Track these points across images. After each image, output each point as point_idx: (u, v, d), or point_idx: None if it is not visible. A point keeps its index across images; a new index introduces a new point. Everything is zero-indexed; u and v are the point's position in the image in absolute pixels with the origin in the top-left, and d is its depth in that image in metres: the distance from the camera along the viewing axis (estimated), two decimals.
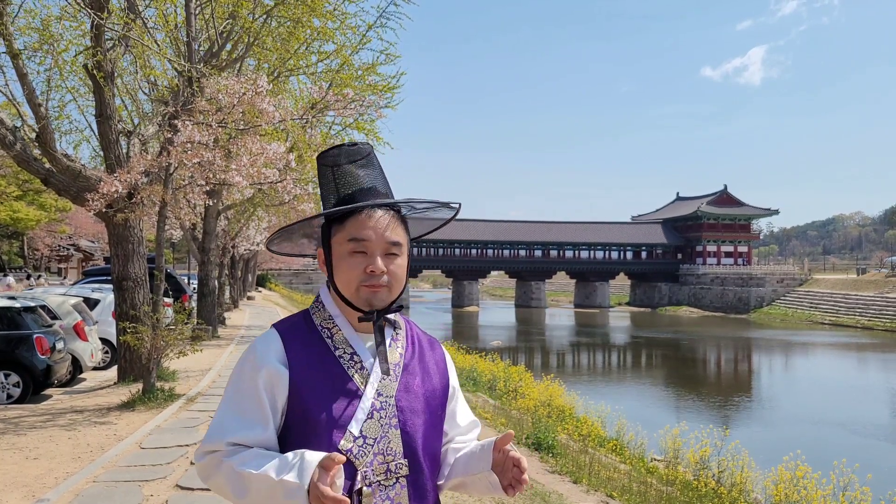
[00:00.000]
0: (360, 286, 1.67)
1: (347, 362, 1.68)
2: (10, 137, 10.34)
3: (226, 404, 1.67)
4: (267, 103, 9.68)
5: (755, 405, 24.30)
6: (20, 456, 7.02)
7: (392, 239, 1.70)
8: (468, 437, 1.88)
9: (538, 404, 14.98)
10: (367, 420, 1.63)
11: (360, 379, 1.67)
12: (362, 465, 1.60)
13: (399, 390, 1.70)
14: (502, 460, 1.67)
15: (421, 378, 1.77)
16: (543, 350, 42.04)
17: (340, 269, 1.69)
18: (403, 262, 1.73)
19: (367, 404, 1.64)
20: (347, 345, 1.71)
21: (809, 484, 9.31)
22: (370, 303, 1.68)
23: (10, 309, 11.26)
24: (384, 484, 1.62)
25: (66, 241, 49.41)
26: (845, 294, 62.77)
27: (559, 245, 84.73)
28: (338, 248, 1.70)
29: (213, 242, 21.99)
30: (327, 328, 1.73)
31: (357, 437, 1.61)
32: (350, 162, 1.76)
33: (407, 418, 1.69)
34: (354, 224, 1.68)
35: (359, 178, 1.75)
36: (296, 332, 1.72)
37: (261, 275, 65.62)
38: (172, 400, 9.99)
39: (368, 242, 1.67)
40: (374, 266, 1.66)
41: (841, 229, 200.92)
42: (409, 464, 1.66)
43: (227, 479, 1.58)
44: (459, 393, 1.91)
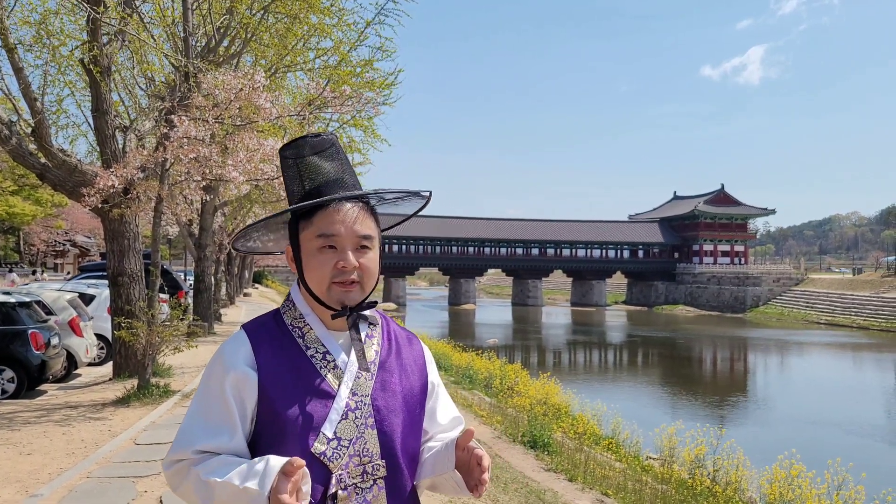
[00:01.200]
0: (331, 284, 1.61)
1: (320, 362, 1.62)
2: (6, 132, 10.29)
3: (193, 410, 1.62)
4: (264, 99, 9.65)
5: (751, 405, 24.35)
6: (14, 451, 7.00)
7: (362, 232, 1.63)
8: (451, 434, 1.79)
9: (534, 402, 14.98)
10: (341, 421, 1.57)
11: (333, 378, 1.60)
12: (337, 468, 1.54)
13: (375, 389, 1.64)
14: (467, 459, 1.60)
15: (398, 376, 1.70)
16: (539, 348, 42.07)
17: (310, 267, 1.62)
18: (375, 255, 1.67)
19: (342, 404, 1.58)
20: (320, 344, 1.64)
21: (804, 483, 9.33)
22: (342, 300, 1.61)
23: (4, 304, 11.22)
24: (361, 486, 1.57)
25: (63, 236, 49.29)
26: (841, 294, 62.92)
27: (556, 243, 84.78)
28: (306, 245, 1.63)
29: (210, 239, 21.94)
30: (298, 327, 1.66)
31: (331, 439, 1.55)
32: (315, 153, 1.68)
33: (384, 418, 1.63)
34: (323, 218, 1.62)
35: (324, 170, 1.67)
36: (265, 332, 1.66)
37: (257, 272, 65.60)
38: (168, 396, 9.97)
39: (338, 237, 1.61)
40: (346, 261, 1.60)
41: (837, 229, 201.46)
42: (386, 465, 1.61)
43: (195, 488, 1.53)
44: (441, 389, 1.84)
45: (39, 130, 10.47)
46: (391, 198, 1.75)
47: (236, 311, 32.11)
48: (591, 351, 41.95)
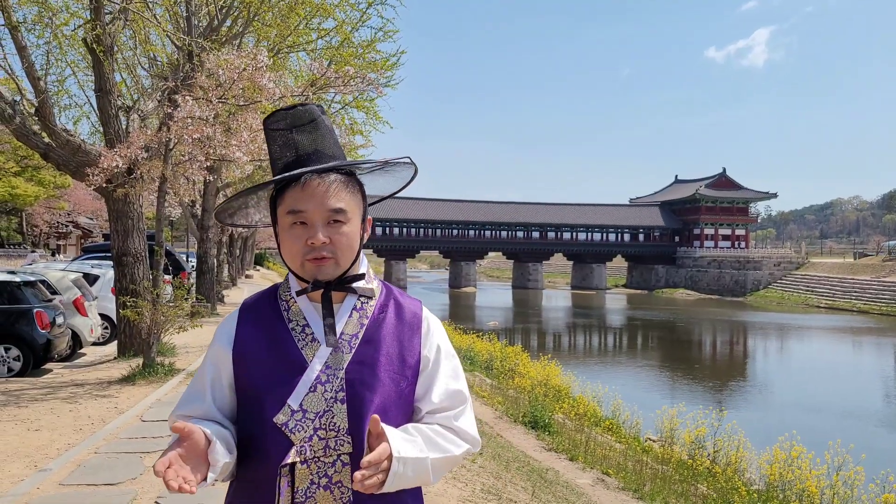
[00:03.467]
0: (304, 260, 1.60)
1: (299, 335, 1.62)
2: (10, 111, 10.29)
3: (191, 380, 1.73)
4: (267, 79, 9.63)
5: (750, 388, 24.46)
6: (22, 427, 7.07)
7: (333, 206, 1.59)
8: (448, 413, 1.69)
9: (535, 384, 15.09)
10: (308, 393, 1.56)
11: (309, 351, 1.60)
12: (298, 440, 1.53)
13: (352, 363, 1.60)
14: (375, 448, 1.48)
15: (385, 349, 1.65)
16: (540, 331, 42.20)
17: (284, 243, 1.63)
18: (351, 229, 1.62)
19: (311, 376, 1.57)
20: (301, 317, 1.65)
21: (804, 464, 9.41)
22: (315, 275, 1.60)
23: (10, 283, 11.27)
24: (323, 461, 1.54)
25: (65, 217, 49.31)
26: (842, 278, 62.98)
27: (557, 227, 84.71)
28: (281, 221, 1.62)
29: (212, 220, 21.97)
30: (286, 300, 1.68)
31: (295, 411, 1.54)
32: (292, 126, 1.65)
33: (356, 392, 1.58)
34: (292, 194, 1.59)
35: (299, 144, 1.64)
36: (258, 306, 1.70)
37: (259, 253, 65.63)
38: (172, 374, 10.04)
39: (306, 213, 1.58)
40: (314, 238, 1.57)
41: (839, 213, 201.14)
42: (353, 441, 1.56)
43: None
44: (443, 364, 1.73)
45: (43, 110, 10.47)
46: (367, 169, 1.72)
47: (238, 292, 32.19)
48: (591, 334, 42.07)
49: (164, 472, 1.39)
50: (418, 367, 1.69)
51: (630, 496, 8.23)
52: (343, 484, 1.55)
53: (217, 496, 5.06)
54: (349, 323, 1.65)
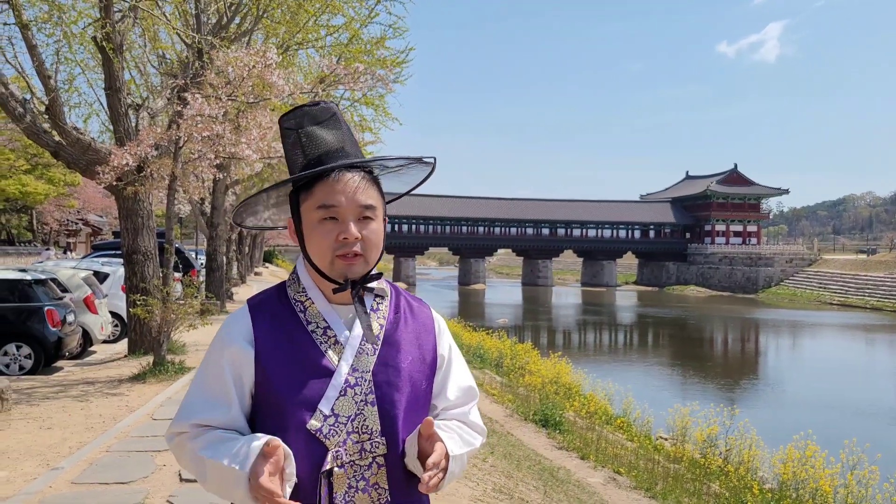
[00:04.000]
0: (334, 257, 1.56)
1: (320, 337, 1.59)
2: (20, 110, 10.32)
3: (194, 384, 1.62)
4: (276, 76, 9.61)
5: (762, 386, 24.31)
6: (34, 425, 7.09)
7: (364, 202, 1.58)
8: (464, 408, 1.73)
9: (545, 381, 15.03)
10: (339, 398, 1.54)
11: (333, 354, 1.57)
12: (334, 445, 1.51)
13: (377, 364, 1.59)
14: (429, 451, 1.51)
15: (404, 350, 1.65)
16: (550, 328, 42.11)
17: (312, 239, 1.59)
18: (378, 226, 1.61)
19: (340, 380, 1.55)
20: (321, 318, 1.61)
21: (818, 463, 9.33)
22: (345, 274, 1.57)
23: (21, 281, 11.32)
24: (359, 464, 1.53)
25: (75, 215, 49.55)
26: (855, 274, 62.58)
27: (567, 223, 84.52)
28: (307, 216, 1.59)
29: (221, 218, 22.02)
30: (300, 301, 1.63)
31: (328, 416, 1.52)
32: (315, 123, 1.64)
33: (385, 394, 1.58)
34: (323, 189, 1.57)
35: (325, 140, 1.62)
36: (268, 306, 1.64)
37: (267, 251, 65.83)
38: (183, 373, 10.05)
39: (339, 208, 1.56)
40: (348, 233, 1.55)
41: (851, 210, 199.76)
42: (386, 442, 1.56)
43: (191, 462, 1.55)
44: (455, 361, 1.76)
45: (53, 108, 10.49)
46: (394, 166, 1.70)
47: (247, 289, 32.26)
48: (601, 331, 41.96)
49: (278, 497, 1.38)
50: (435, 366, 1.70)
51: (642, 495, 8.17)
52: (380, 486, 1.55)
53: None
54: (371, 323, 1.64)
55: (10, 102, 10.23)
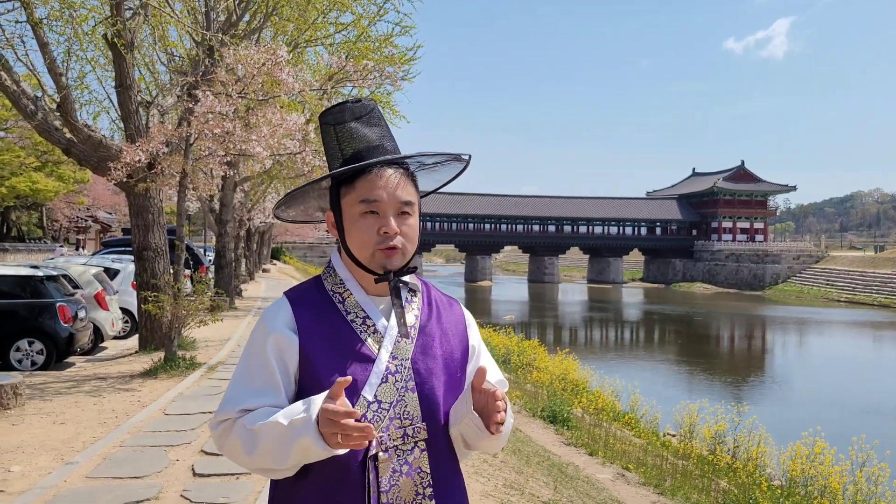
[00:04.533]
0: (375, 250, 1.62)
1: (360, 326, 1.64)
2: (32, 107, 10.38)
3: (238, 374, 1.65)
4: (286, 74, 9.65)
5: (769, 383, 24.27)
6: (48, 420, 7.15)
7: (404, 198, 1.64)
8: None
9: (553, 378, 15.05)
10: (381, 384, 1.59)
11: (373, 343, 1.62)
12: (378, 431, 1.55)
13: (416, 352, 1.65)
14: (484, 400, 1.58)
15: (439, 339, 1.71)
16: (556, 325, 42.10)
17: (353, 232, 1.63)
18: (415, 221, 1.68)
19: (382, 368, 1.60)
20: (360, 309, 1.66)
21: (826, 459, 9.33)
22: (385, 266, 1.63)
23: (33, 278, 11.40)
24: (402, 449, 1.58)
25: (84, 212, 49.73)
26: (862, 271, 62.30)
27: (573, 220, 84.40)
28: (349, 210, 1.64)
29: (230, 214, 22.09)
30: (338, 293, 1.68)
31: (371, 402, 1.57)
32: (355, 119, 1.68)
33: (424, 381, 1.63)
34: (365, 184, 1.62)
35: (365, 135, 1.67)
36: (307, 298, 1.68)
37: (275, 248, 65.92)
38: (194, 368, 10.11)
39: (380, 203, 1.61)
40: (388, 227, 1.61)
41: (859, 206, 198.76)
42: (427, 427, 1.62)
43: (239, 437, 1.56)
44: (483, 352, 1.83)
45: (65, 105, 10.55)
46: (431, 162, 1.75)
47: (256, 286, 32.38)
48: (607, 328, 41.92)
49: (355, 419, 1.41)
50: (468, 356, 1.77)
51: (651, 491, 8.20)
52: (422, 469, 1.60)
53: (242, 490, 5.10)
54: (406, 314, 1.68)
55: (22, 100, 10.30)
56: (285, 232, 57.90)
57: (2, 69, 10.04)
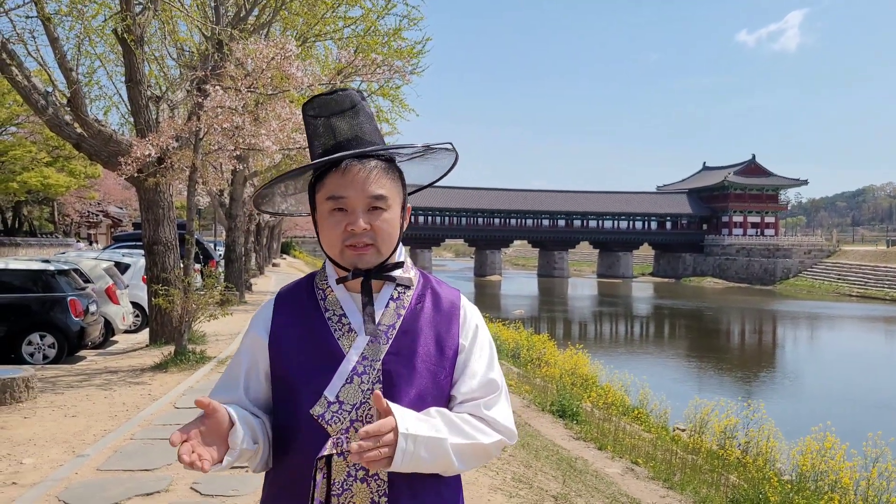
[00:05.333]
0: (344, 247, 1.57)
1: (335, 324, 1.60)
2: (43, 102, 10.44)
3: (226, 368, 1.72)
4: (295, 68, 9.65)
5: (780, 378, 24.16)
6: (59, 413, 7.21)
7: (374, 192, 1.56)
8: (478, 401, 1.63)
9: (563, 372, 15.03)
10: (345, 385, 1.54)
11: (346, 342, 1.58)
12: (335, 432, 1.52)
13: (389, 354, 1.58)
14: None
15: (421, 340, 1.62)
16: (566, 319, 42.04)
17: (323, 230, 1.60)
18: (391, 216, 1.59)
19: (347, 368, 1.55)
20: (338, 306, 1.62)
21: (837, 455, 9.27)
22: (355, 264, 1.58)
23: (44, 272, 11.48)
24: None
25: (95, 207, 50.04)
26: (874, 266, 61.86)
27: (583, 215, 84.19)
28: (320, 207, 1.60)
29: (240, 209, 22.15)
30: (322, 289, 1.66)
31: (332, 403, 1.52)
32: (332, 113, 1.63)
33: (393, 384, 1.56)
34: (332, 180, 1.56)
35: (339, 130, 1.61)
36: (294, 295, 1.68)
37: (285, 242, 66.12)
38: (204, 362, 10.16)
39: (347, 199, 1.55)
40: (354, 224, 1.55)
41: (871, 200, 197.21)
42: None
43: None
44: (476, 352, 1.68)
45: (75, 101, 10.60)
46: (407, 153, 1.67)
47: (266, 280, 32.49)
48: (617, 322, 41.83)
49: (179, 444, 1.38)
50: (456, 357, 1.66)
51: (660, 486, 8.18)
52: (380, 476, 1.53)
53: (251, 483, 5.12)
54: (386, 313, 1.62)
55: (33, 95, 10.36)
56: (295, 226, 58.07)
57: (13, 65, 10.10)
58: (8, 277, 11.35)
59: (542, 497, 5.82)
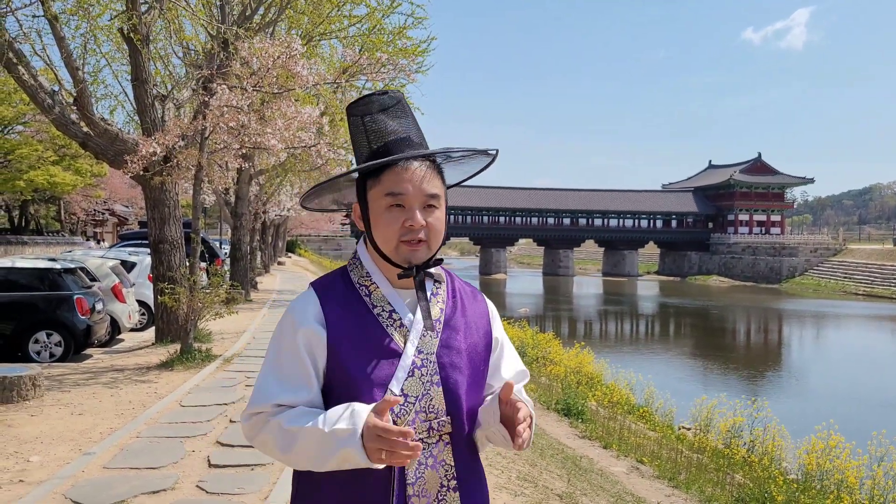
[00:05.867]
0: (399, 243, 1.62)
1: (386, 320, 1.65)
2: (49, 101, 10.47)
3: (268, 367, 1.66)
4: (301, 67, 9.66)
5: (786, 377, 24.09)
6: (66, 411, 7.24)
7: (430, 191, 1.63)
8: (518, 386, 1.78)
9: (568, 371, 15.02)
10: (407, 378, 1.60)
11: (399, 336, 1.63)
12: (404, 424, 1.57)
13: (440, 346, 1.66)
14: (511, 413, 1.60)
15: (463, 333, 1.72)
16: (571, 318, 42.01)
17: (378, 225, 1.64)
18: (441, 214, 1.67)
19: (408, 362, 1.61)
20: (386, 302, 1.67)
21: (843, 454, 9.25)
22: (409, 259, 1.63)
23: (51, 270, 11.52)
24: (427, 442, 1.60)
25: (101, 205, 50.18)
26: (881, 264, 61.63)
27: (588, 213, 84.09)
28: (374, 203, 1.64)
29: (246, 207, 22.19)
30: (365, 286, 1.69)
31: (398, 396, 1.58)
32: (381, 111, 1.68)
33: (449, 375, 1.64)
34: (391, 177, 1.62)
35: (391, 128, 1.67)
36: (333, 290, 1.69)
37: (290, 240, 66.21)
38: (209, 360, 10.18)
39: (406, 196, 1.61)
40: (413, 220, 1.60)
41: (878, 199, 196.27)
42: (451, 421, 1.63)
43: (274, 436, 1.57)
44: (506, 344, 1.83)
45: (81, 99, 10.63)
46: (458, 156, 1.74)
47: (271, 279, 32.52)
48: (622, 321, 41.78)
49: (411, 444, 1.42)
50: (491, 348, 1.78)
51: (665, 484, 8.17)
52: (447, 462, 1.63)
53: (256, 481, 5.13)
54: (431, 307, 1.70)
55: (40, 94, 10.39)
56: (300, 225, 58.16)
57: (20, 64, 10.13)
58: (15, 276, 11.41)
59: (547, 495, 5.82)
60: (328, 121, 11.62)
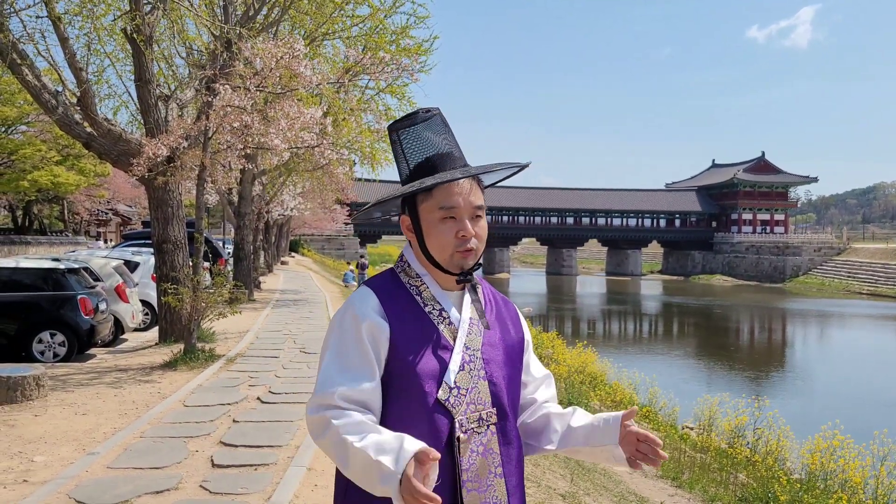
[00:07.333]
0: (454, 252, 1.76)
1: (437, 318, 1.79)
2: (53, 101, 10.49)
3: (330, 358, 1.74)
4: (304, 67, 9.67)
5: (790, 376, 24.05)
6: (70, 411, 7.25)
7: (477, 203, 1.79)
8: (549, 391, 1.99)
9: (571, 371, 15.01)
10: (459, 372, 1.73)
11: (448, 333, 1.77)
12: (458, 414, 1.71)
13: (484, 343, 1.81)
14: (624, 435, 1.79)
15: (501, 332, 1.88)
16: (574, 317, 41.99)
17: (432, 236, 1.78)
18: (485, 223, 1.83)
19: (458, 357, 1.75)
20: (435, 302, 1.81)
21: (848, 453, 9.23)
22: (461, 266, 1.78)
23: (54, 270, 11.54)
24: (477, 431, 1.74)
25: (105, 205, 50.30)
26: (885, 264, 61.47)
27: (591, 212, 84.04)
28: (427, 216, 1.78)
29: (249, 207, 22.20)
30: (415, 286, 1.82)
31: (452, 388, 1.71)
32: (424, 127, 1.83)
33: (492, 370, 1.80)
34: (442, 192, 1.76)
35: (435, 143, 1.82)
36: (387, 289, 1.82)
37: (293, 240, 66.17)
38: (213, 360, 10.19)
39: (457, 209, 1.76)
40: (466, 231, 1.75)
41: (882, 197, 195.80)
42: (496, 412, 1.78)
43: (333, 445, 1.65)
44: (532, 348, 2.01)
45: (85, 100, 10.64)
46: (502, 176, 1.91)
47: (274, 278, 32.52)
48: (626, 320, 41.75)
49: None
50: (523, 347, 1.95)
51: (669, 484, 8.17)
52: (494, 451, 1.77)
53: (260, 481, 5.13)
54: (474, 308, 1.85)
55: (43, 94, 10.41)
56: (303, 224, 58.14)
57: (24, 64, 10.15)
58: (19, 276, 11.43)
59: (551, 495, 5.82)
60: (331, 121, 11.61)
